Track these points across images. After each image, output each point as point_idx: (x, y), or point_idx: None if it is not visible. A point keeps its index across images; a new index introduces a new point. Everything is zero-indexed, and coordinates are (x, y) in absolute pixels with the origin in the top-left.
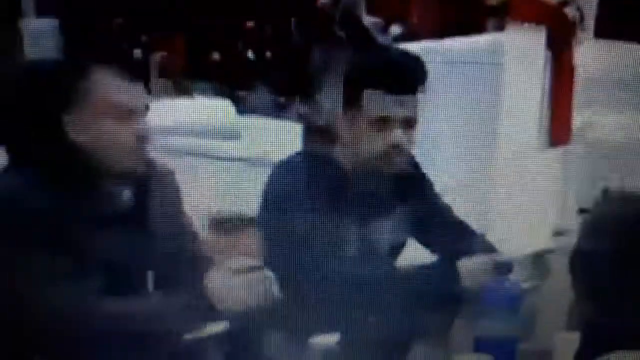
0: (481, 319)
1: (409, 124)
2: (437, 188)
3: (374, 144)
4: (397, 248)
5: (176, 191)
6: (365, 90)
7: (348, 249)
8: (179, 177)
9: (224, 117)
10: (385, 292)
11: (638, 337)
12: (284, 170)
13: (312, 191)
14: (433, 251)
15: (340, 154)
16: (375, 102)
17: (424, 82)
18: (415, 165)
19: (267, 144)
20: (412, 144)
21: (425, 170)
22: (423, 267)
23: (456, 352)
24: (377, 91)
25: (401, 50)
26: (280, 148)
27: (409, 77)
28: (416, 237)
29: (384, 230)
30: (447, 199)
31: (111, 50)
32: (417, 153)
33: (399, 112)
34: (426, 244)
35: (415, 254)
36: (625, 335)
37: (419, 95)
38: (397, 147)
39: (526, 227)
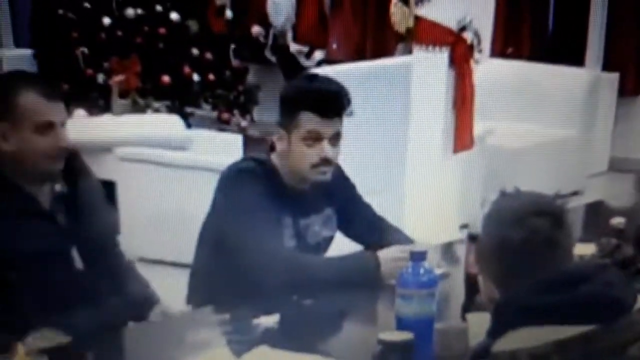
0: (402, 300)
1: (336, 139)
2: (359, 189)
3: (307, 157)
4: (327, 240)
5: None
6: (301, 112)
7: (287, 241)
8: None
9: (174, 131)
10: (317, 277)
11: (539, 314)
12: (234, 171)
13: (256, 190)
14: (358, 243)
15: (277, 161)
16: (308, 122)
17: (349, 106)
18: (340, 171)
19: (211, 153)
20: (338, 155)
21: (348, 175)
22: (349, 256)
23: (380, 330)
24: (311, 113)
25: (331, 80)
26: (223, 157)
27: (337, 103)
28: (343, 231)
29: (316, 225)
30: (368, 199)
31: (78, 75)
32: (341, 160)
33: (328, 131)
34: (352, 237)
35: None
36: (528, 313)
37: (345, 117)
38: (327, 160)
39: (436, 221)
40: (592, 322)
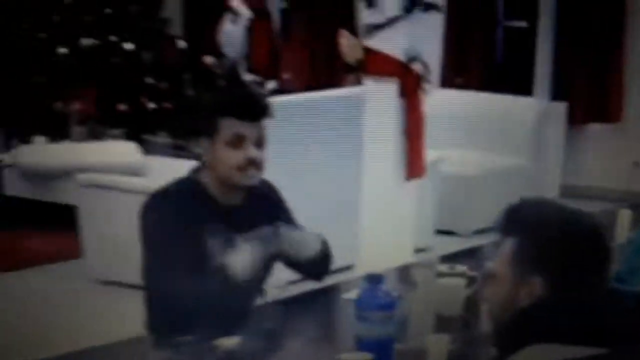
0: (361, 322)
1: (261, 143)
2: (316, 218)
3: (232, 159)
4: (269, 261)
5: None
6: (220, 118)
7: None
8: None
9: (131, 157)
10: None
11: (557, 333)
12: (157, 195)
13: (183, 212)
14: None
15: (207, 177)
16: (229, 126)
17: (268, 108)
18: (275, 192)
19: (168, 179)
20: (264, 160)
21: (283, 198)
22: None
23: (341, 351)
24: (231, 118)
25: (247, 85)
26: None
27: (255, 105)
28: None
29: (251, 245)
30: (323, 226)
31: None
32: (296, 188)
33: (251, 133)
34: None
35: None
36: (545, 331)
37: (266, 122)
38: (253, 162)
39: (391, 246)
40: (604, 346)
